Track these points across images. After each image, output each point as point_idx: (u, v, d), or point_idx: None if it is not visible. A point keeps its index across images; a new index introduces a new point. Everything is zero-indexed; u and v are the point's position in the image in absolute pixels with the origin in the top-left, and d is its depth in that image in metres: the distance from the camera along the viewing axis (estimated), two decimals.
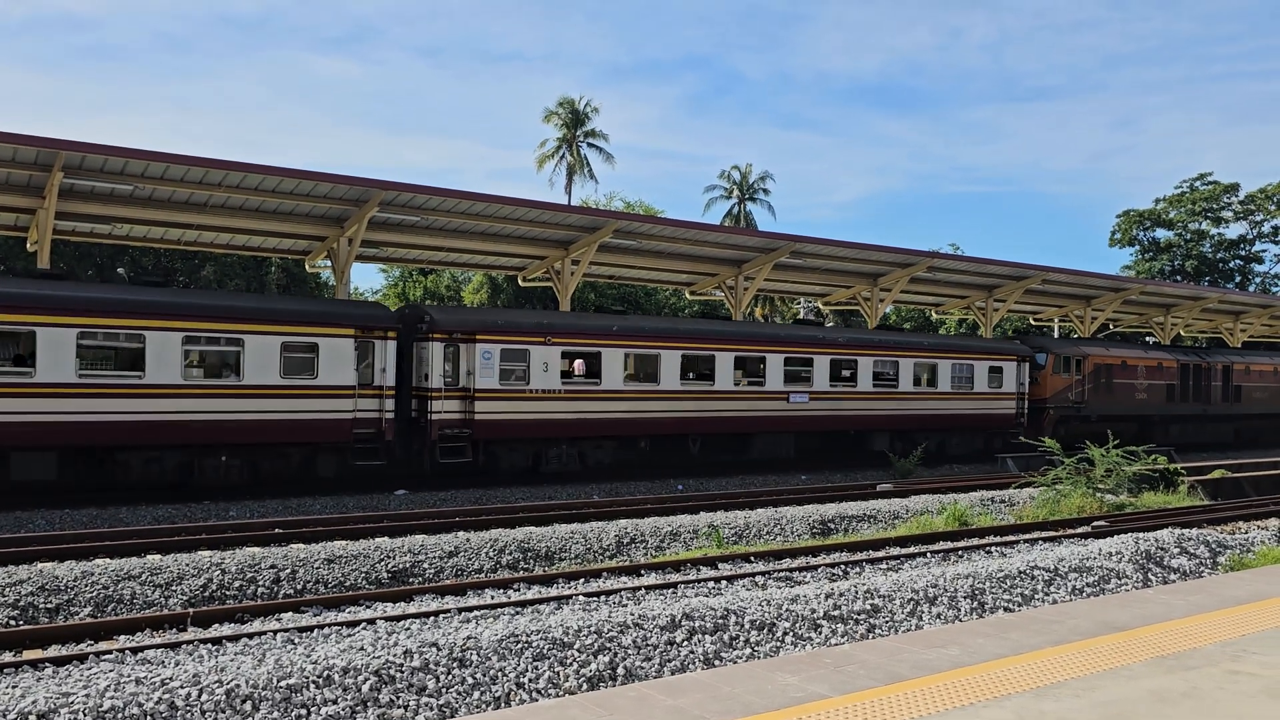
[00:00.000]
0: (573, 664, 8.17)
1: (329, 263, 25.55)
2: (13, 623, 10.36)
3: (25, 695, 6.75)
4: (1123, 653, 6.75)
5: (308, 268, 28.04)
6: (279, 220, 23.38)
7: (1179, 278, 63.68)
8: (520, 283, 30.16)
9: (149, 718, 6.64)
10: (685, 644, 8.89)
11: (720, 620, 9.36)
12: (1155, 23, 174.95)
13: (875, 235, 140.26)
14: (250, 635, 9.47)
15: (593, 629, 8.67)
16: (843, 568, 13.51)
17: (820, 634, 9.62)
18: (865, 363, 28.42)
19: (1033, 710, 5.44)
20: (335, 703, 7.09)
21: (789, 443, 27.28)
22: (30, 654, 8.99)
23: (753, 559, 13.99)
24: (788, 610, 9.80)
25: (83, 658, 8.70)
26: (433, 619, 10.19)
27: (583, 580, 12.51)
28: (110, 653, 8.82)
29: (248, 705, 6.89)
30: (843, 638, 9.60)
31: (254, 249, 26.71)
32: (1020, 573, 12.07)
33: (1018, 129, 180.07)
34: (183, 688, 6.93)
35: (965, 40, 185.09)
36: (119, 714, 6.60)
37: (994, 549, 15.25)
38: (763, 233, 37.58)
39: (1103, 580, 12.56)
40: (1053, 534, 16.88)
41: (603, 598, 11.29)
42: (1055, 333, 46.87)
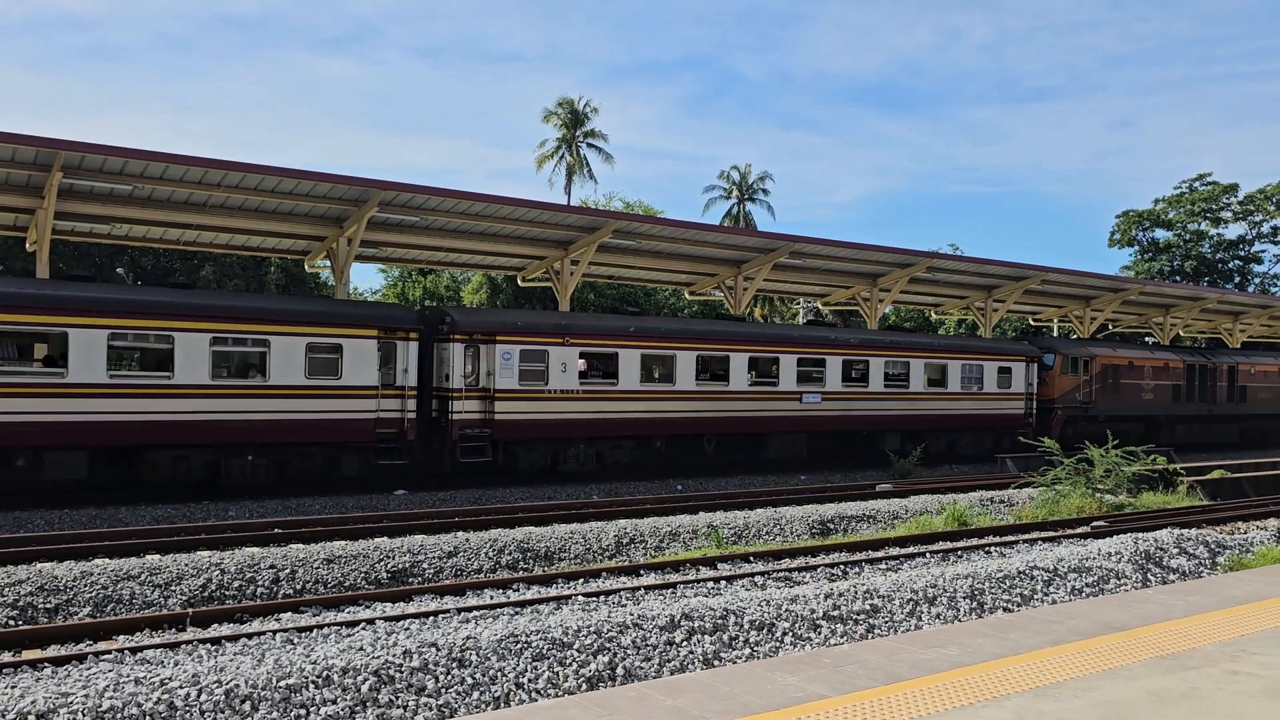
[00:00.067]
0: (572, 664, 8.18)
1: (328, 263, 25.56)
2: (12, 623, 10.37)
3: (24, 695, 6.75)
4: (1122, 653, 6.75)
5: (307, 268, 28.05)
6: (278, 220, 23.39)
7: (1178, 278, 63.68)
8: (520, 283, 30.17)
9: (148, 718, 6.64)
10: (684, 644, 8.90)
11: (719, 620, 9.36)
12: (1154, 23, 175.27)
13: (875, 235, 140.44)
14: (249, 635, 9.48)
15: (592, 629, 8.68)
16: (842, 568, 13.51)
17: (819, 634, 9.62)
18: (877, 363, 28.60)
19: (1032, 710, 5.44)
20: (334, 703, 7.09)
21: (802, 443, 27.45)
22: (29, 654, 8.99)
23: (752, 559, 13.99)
24: (787, 610, 9.81)
25: (82, 658, 8.70)
26: (432, 619, 10.19)
27: (582, 580, 12.51)
28: (109, 653, 8.82)
29: (247, 705, 6.89)
30: (842, 638, 9.60)
31: (253, 249, 26.71)
32: (1019, 573, 12.08)
33: (1017, 129, 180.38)
34: (182, 688, 6.93)
35: (965, 41, 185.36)
36: (118, 714, 6.60)
37: (993, 549, 15.26)
38: (762, 233, 37.52)
39: (1102, 580, 12.57)
40: (1052, 534, 16.89)
41: (602, 598, 11.30)
42: (1055, 333, 46.89)
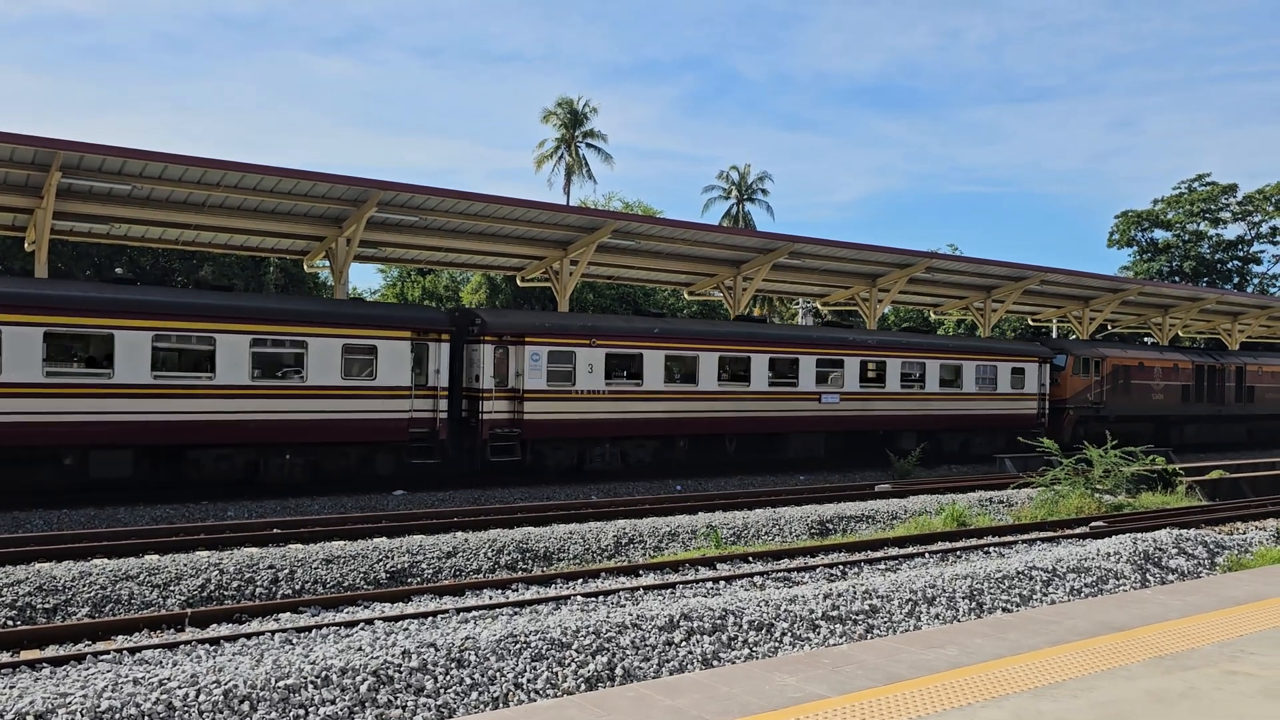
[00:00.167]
0: (571, 664, 8.17)
1: (327, 263, 25.56)
2: (10, 623, 10.36)
3: (23, 696, 6.75)
4: (1121, 653, 6.75)
5: (306, 268, 28.04)
6: (277, 220, 23.40)
7: (1177, 278, 63.69)
8: (519, 283, 30.17)
9: (147, 718, 6.64)
10: (683, 644, 8.90)
11: (718, 621, 9.36)
12: (1154, 23, 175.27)
13: (874, 236, 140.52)
14: (248, 635, 9.47)
15: (591, 629, 8.67)
16: (841, 568, 13.51)
17: (818, 634, 9.62)
18: (893, 364, 28.90)
19: (1030, 710, 5.44)
20: (333, 703, 7.09)
21: (820, 442, 27.73)
22: (28, 654, 8.98)
23: (751, 559, 13.99)
24: (786, 611, 9.81)
25: (80, 658, 8.69)
26: (431, 619, 10.19)
27: (581, 580, 12.50)
28: (108, 653, 8.81)
29: (246, 705, 6.89)
30: (841, 638, 9.61)
31: (252, 249, 26.71)
32: (1018, 573, 12.08)
33: (1017, 129, 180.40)
34: (181, 688, 6.93)
35: (964, 41, 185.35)
36: (117, 714, 6.60)
37: (992, 549, 15.26)
38: (761, 233, 37.47)
39: (1101, 581, 12.57)
40: (1051, 534, 16.89)
41: (601, 598, 11.30)
42: (1054, 333, 46.88)
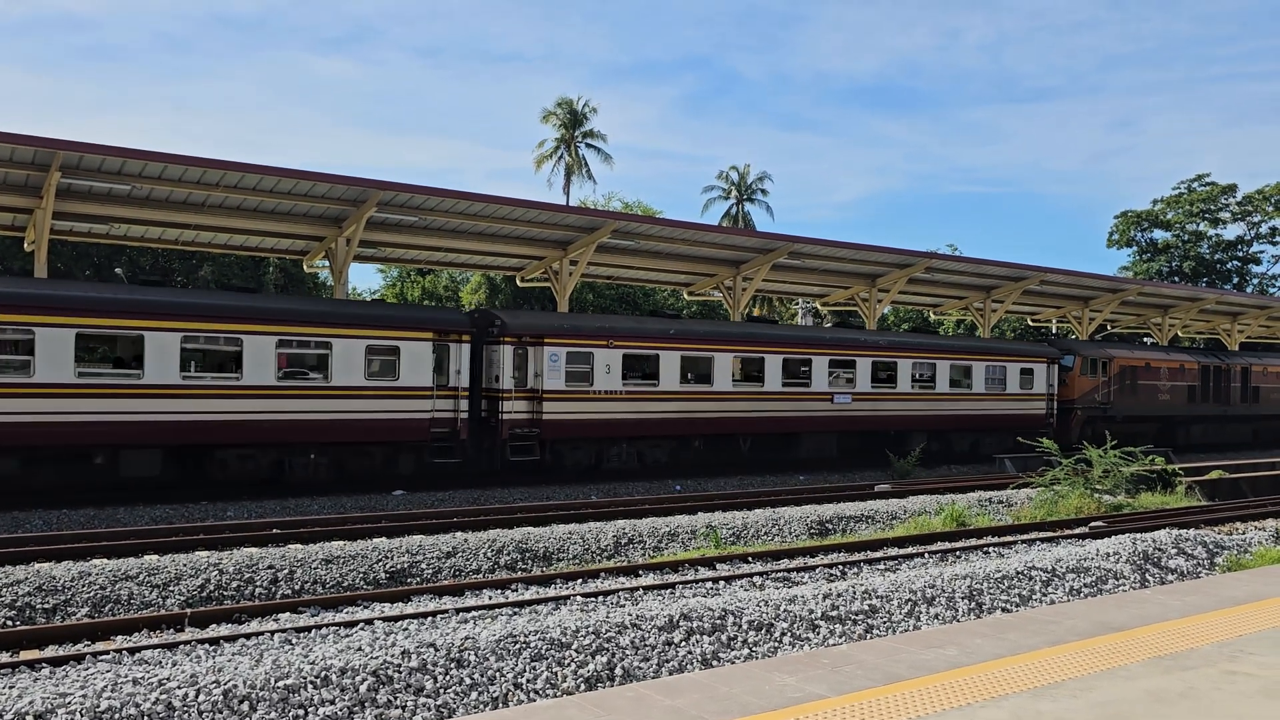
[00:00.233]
0: (570, 664, 8.17)
1: (327, 263, 25.55)
2: (10, 623, 10.35)
3: (22, 696, 6.75)
4: (1120, 653, 6.75)
5: (305, 268, 28.04)
6: (277, 220, 23.39)
7: (1176, 279, 63.67)
8: (519, 283, 30.17)
9: (146, 718, 6.64)
10: (683, 644, 8.90)
11: (718, 621, 9.36)
12: (1154, 24, 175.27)
13: (874, 236, 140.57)
14: (248, 635, 9.47)
15: (590, 629, 8.67)
16: (840, 568, 13.51)
17: (818, 634, 9.62)
18: (905, 365, 29.12)
19: (1030, 710, 5.44)
20: (333, 703, 7.09)
21: (832, 442, 27.95)
22: (27, 654, 8.98)
23: (751, 559, 14.00)
24: (785, 611, 9.81)
25: (80, 658, 8.68)
26: (430, 619, 10.18)
27: (580, 581, 12.50)
28: (107, 653, 8.81)
29: (245, 705, 6.89)
30: (840, 638, 9.61)
31: (252, 249, 26.69)
32: (1018, 573, 12.08)
33: (1017, 130, 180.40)
34: (180, 688, 6.92)
35: (964, 41, 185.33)
36: (116, 714, 6.60)
37: (992, 549, 15.26)
38: (761, 233, 37.50)
39: (1100, 581, 12.57)
40: (1050, 534, 16.89)
41: (600, 598, 11.29)
42: (1054, 333, 46.86)
